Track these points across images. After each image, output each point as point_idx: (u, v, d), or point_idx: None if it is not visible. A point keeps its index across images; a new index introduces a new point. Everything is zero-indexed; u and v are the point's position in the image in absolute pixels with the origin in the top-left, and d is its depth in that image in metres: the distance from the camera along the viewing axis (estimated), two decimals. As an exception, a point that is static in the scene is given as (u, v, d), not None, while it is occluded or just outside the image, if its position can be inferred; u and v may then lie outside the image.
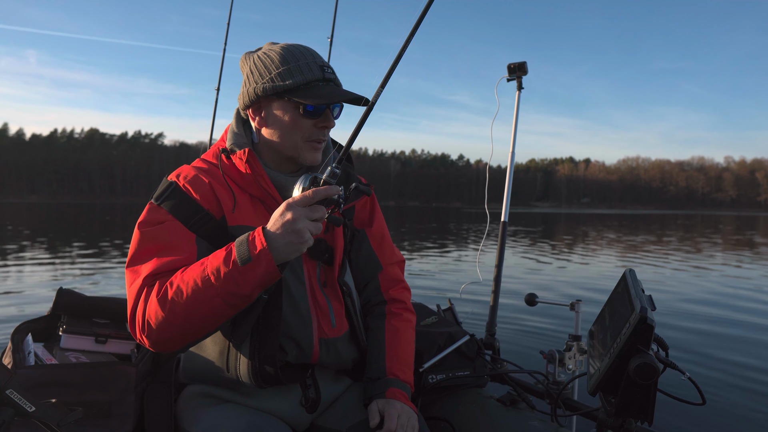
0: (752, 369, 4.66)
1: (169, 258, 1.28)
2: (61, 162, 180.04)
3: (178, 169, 1.47)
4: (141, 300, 1.25)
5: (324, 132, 1.44)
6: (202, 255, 1.32)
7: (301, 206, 1.15)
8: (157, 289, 1.23)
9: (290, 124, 1.41)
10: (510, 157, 2.89)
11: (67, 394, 1.39)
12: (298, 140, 1.43)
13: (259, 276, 1.16)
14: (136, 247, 1.32)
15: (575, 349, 2.13)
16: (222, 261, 1.18)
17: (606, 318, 1.45)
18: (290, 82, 1.37)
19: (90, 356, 1.66)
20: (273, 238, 1.15)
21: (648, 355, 1.11)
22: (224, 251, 1.19)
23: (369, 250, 1.64)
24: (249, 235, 1.18)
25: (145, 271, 1.27)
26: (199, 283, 1.18)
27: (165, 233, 1.32)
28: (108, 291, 7.90)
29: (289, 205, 1.15)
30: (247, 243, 1.16)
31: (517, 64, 2.80)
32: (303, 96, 1.37)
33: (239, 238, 1.20)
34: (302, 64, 1.39)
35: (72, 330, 1.66)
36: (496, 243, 2.77)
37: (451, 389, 1.86)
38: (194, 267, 1.23)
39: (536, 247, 17.34)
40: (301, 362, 1.45)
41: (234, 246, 1.19)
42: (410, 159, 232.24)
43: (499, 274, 2.69)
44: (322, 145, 1.46)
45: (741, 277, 11.00)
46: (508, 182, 2.88)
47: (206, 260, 1.22)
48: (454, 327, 2.04)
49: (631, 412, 1.16)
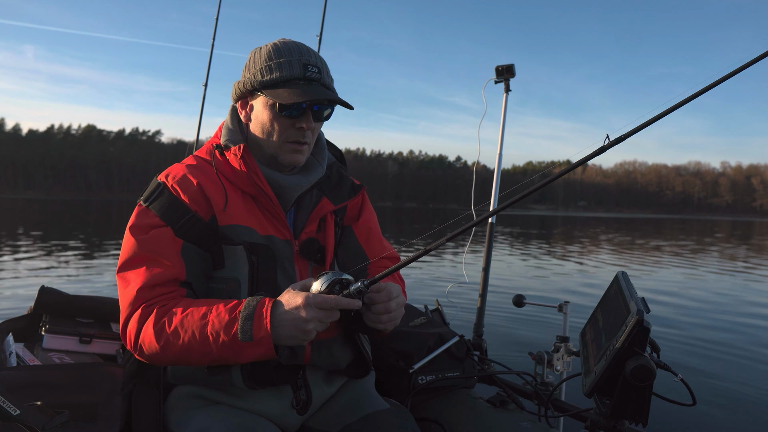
0: (739, 367, 4.76)
1: (157, 270, 1.30)
2: (58, 158, 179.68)
3: (168, 169, 1.44)
4: (135, 318, 1.28)
5: (303, 133, 1.39)
6: (189, 262, 1.33)
7: (318, 308, 1.17)
8: (154, 319, 1.25)
9: (268, 123, 1.39)
10: (497, 159, 2.91)
11: (51, 396, 1.34)
12: (276, 140, 1.40)
13: (255, 355, 1.21)
14: (127, 255, 1.32)
15: (563, 350, 2.14)
16: (224, 327, 1.20)
17: (599, 320, 1.45)
18: (269, 78, 1.36)
19: (74, 357, 1.62)
20: (278, 326, 1.18)
21: (644, 357, 1.11)
22: (228, 315, 1.21)
23: (356, 244, 1.60)
24: (257, 310, 1.20)
25: (136, 283, 1.29)
26: (197, 336, 1.22)
27: (153, 242, 1.32)
28: (93, 289, 7.77)
29: (308, 302, 1.17)
30: (253, 320, 1.19)
31: (504, 67, 2.80)
32: (279, 94, 1.34)
33: (247, 305, 1.22)
34: (285, 61, 1.37)
35: (55, 330, 1.61)
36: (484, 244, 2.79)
37: (440, 390, 1.84)
38: (195, 313, 1.24)
39: (527, 249, 17.38)
40: (293, 363, 1.43)
41: (239, 315, 1.20)
42: (408, 160, 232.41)
43: (487, 276, 2.71)
44: (304, 148, 1.42)
45: (731, 280, 11.03)
46: (496, 183, 2.89)
47: (210, 313, 1.23)
48: (444, 328, 2.03)
49: (627, 413, 1.16)
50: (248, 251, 1.37)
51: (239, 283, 1.37)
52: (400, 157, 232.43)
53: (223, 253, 1.38)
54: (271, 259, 1.39)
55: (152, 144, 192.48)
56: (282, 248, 1.41)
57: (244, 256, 1.37)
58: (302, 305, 1.17)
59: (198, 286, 1.38)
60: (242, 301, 1.25)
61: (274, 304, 1.21)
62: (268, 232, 1.41)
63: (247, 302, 1.23)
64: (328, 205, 1.51)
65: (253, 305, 1.22)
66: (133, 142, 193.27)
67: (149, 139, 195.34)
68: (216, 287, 1.39)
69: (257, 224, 1.40)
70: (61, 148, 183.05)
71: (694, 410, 3.39)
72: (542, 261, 13.92)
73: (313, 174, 1.48)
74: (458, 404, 1.75)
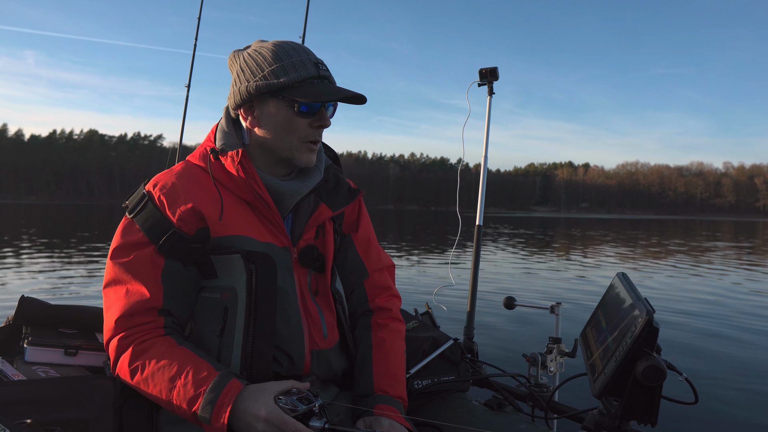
0: (739, 367, 4.77)
1: (135, 298, 1.31)
2: (60, 163, 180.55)
3: (156, 178, 1.40)
4: (113, 345, 1.31)
5: (320, 132, 1.40)
6: (169, 285, 1.33)
7: (275, 426, 1.14)
8: (129, 358, 1.28)
9: (285, 124, 1.35)
10: (483, 162, 2.90)
11: (39, 412, 1.27)
12: (293, 141, 1.37)
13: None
14: (109, 277, 1.34)
15: (556, 351, 2.15)
16: (187, 399, 1.20)
17: (601, 320, 1.44)
18: (284, 79, 1.32)
19: (59, 370, 1.54)
20: (235, 419, 1.17)
21: (654, 357, 1.12)
22: (194, 390, 1.20)
23: (355, 255, 1.57)
24: (220, 397, 1.18)
25: (115, 310, 1.31)
26: (163, 395, 1.24)
27: (134, 267, 1.32)
28: (75, 297, 7.39)
29: (270, 421, 1.14)
30: (213, 406, 1.17)
31: (488, 69, 2.81)
32: (298, 94, 1.31)
33: (214, 387, 1.19)
34: (296, 61, 1.34)
35: (38, 342, 1.53)
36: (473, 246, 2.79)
37: (435, 394, 1.82)
38: (166, 372, 1.24)
39: (524, 251, 17.38)
40: (292, 374, 1.39)
41: (203, 394, 1.19)
42: (409, 163, 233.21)
43: (476, 278, 2.71)
44: (318, 146, 1.41)
45: (730, 280, 10.99)
46: (482, 186, 2.90)
47: (178, 378, 1.22)
48: (436, 331, 2.00)
49: (636, 414, 1.18)
50: (246, 259, 1.33)
51: (236, 292, 1.33)
52: (401, 160, 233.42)
53: (213, 263, 1.35)
54: (270, 267, 1.35)
55: (154, 148, 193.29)
56: (280, 256, 1.38)
57: (241, 264, 1.33)
58: (264, 420, 1.14)
59: (178, 310, 1.35)
60: (211, 375, 1.22)
61: (238, 397, 1.18)
62: (266, 240, 1.37)
63: (214, 381, 1.20)
64: (327, 211, 1.48)
65: (218, 389, 1.19)
66: (134, 147, 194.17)
67: (151, 144, 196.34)
68: (209, 297, 1.36)
69: (255, 232, 1.36)
70: (63, 153, 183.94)
71: (696, 409, 3.42)
72: (531, 262, 13.90)
73: (311, 179, 1.45)
74: (455, 408, 1.72)
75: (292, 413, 1.15)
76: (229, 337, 1.32)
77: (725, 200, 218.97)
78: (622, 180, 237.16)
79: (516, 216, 70.02)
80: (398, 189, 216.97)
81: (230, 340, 1.32)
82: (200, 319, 1.37)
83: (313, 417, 1.17)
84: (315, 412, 1.18)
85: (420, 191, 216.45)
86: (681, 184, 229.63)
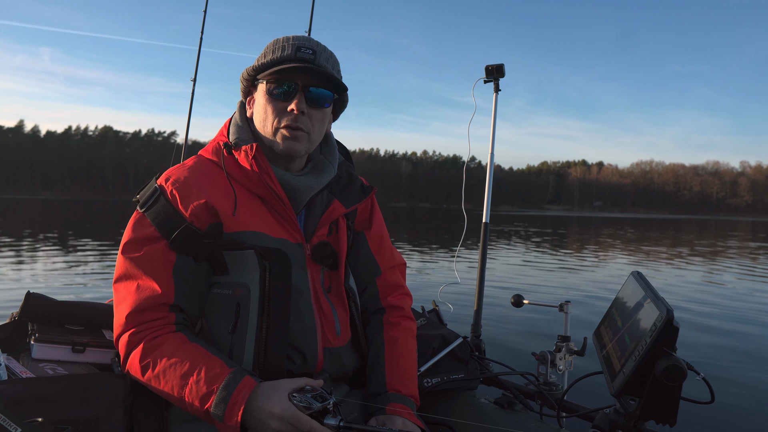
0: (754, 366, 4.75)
1: (146, 294, 1.29)
2: (75, 159, 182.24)
3: (168, 172, 1.39)
4: (123, 341, 1.28)
5: (296, 117, 1.34)
6: (180, 281, 1.30)
7: (290, 424, 1.13)
8: (141, 354, 1.25)
9: (263, 109, 1.36)
10: (489, 159, 2.88)
11: (48, 411, 1.25)
12: (269, 126, 1.36)
13: (223, 429, 1.18)
14: (120, 271, 1.32)
15: (565, 349, 2.15)
16: (200, 396, 1.18)
17: (617, 319, 1.43)
18: (262, 62, 1.34)
19: (67, 367, 1.53)
20: (248, 416, 1.15)
21: (675, 357, 1.12)
22: (206, 387, 1.18)
23: (368, 252, 1.56)
24: (234, 394, 1.15)
25: (126, 305, 1.29)
26: (175, 392, 1.21)
27: (145, 261, 1.30)
28: (78, 293, 7.33)
29: (285, 419, 1.12)
30: (227, 403, 1.15)
31: (494, 66, 2.78)
32: (270, 75, 1.32)
33: (227, 384, 1.17)
34: (280, 45, 1.34)
35: (45, 339, 1.52)
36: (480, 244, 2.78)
37: (445, 393, 1.81)
38: (178, 369, 1.21)
39: (536, 249, 17.26)
40: (304, 372, 1.37)
41: (216, 392, 1.17)
42: (422, 160, 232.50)
43: (482, 276, 2.69)
44: (298, 134, 1.35)
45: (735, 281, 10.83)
46: (488, 183, 2.87)
47: (191, 376, 1.20)
48: (445, 329, 1.98)
49: (655, 413, 1.18)
50: (259, 255, 1.31)
51: (248, 288, 1.31)
52: (413, 157, 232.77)
53: (225, 259, 1.33)
54: (285, 263, 1.33)
55: (168, 144, 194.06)
56: (294, 252, 1.36)
57: (254, 260, 1.31)
58: (279, 418, 1.12)
59: (189, 306, 1.33)
60: (224, 372, 1.20)
61: (251, 394, 1.16)
62: (279, 236, 1.35)
63: (227, 379, 1.18)
64: (340, 208, 1.46)
65: (231, 387, 1.17)
66: (148, 143, 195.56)
67: (165, 140, 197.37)
68: (221, 293, 1.34)
69: (268, 227, 1.35)
70: (79, 149, 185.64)
71: (712, 408, 3.39)
72: (542, 260, 13.80)
73: (325, 175, 1.44)
74: (465, 407, 1.72)
75: (307, 411, 1.14)
76: (241, 334, 1.30)
77: (742, 200, 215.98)
78: (636, 179, 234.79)
79: (529, 214, 69.50)
80: (410, 186, 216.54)
81: (242, 337, 1.30)
82: (211, 316, 1.35)
83: (327, 415, 1.16)
84: (329, 409, 1.16)
85: (432, 189, 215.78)
86: (696, 184, 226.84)
